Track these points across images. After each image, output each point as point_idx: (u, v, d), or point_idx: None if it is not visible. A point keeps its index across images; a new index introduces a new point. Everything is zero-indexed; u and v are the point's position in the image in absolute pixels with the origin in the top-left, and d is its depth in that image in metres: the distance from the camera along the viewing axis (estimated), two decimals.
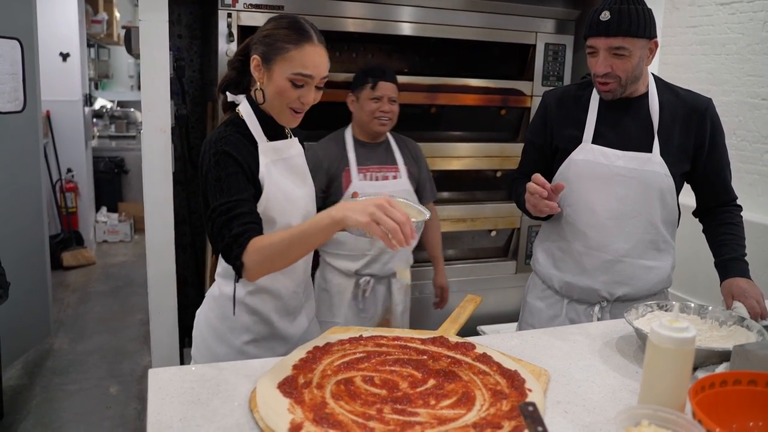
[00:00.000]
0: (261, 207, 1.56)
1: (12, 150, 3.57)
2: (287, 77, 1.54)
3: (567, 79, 3.34)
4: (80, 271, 5.46)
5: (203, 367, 1.40)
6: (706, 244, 2.00)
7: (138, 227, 6.68)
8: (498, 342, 1.56)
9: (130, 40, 3.28)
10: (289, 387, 1.24)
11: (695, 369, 1.38)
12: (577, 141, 1.91)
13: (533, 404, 1.04)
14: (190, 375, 1.35)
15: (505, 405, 1.20)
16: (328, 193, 2.52)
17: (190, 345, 3.42)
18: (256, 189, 1.56)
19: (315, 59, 1.55)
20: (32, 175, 3.79)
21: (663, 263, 1.93)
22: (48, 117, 5.41)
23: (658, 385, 1.12)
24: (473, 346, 1.46)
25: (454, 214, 3.21)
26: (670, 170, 1.85)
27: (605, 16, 1.74)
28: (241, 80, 1.66)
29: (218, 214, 1.47)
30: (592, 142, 1.89)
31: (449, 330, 1.58)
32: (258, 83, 1.59)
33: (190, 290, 3.59)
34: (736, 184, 1.99)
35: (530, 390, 1.27)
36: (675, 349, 1.10)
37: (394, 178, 2.58)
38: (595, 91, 1.91)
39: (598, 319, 1.91)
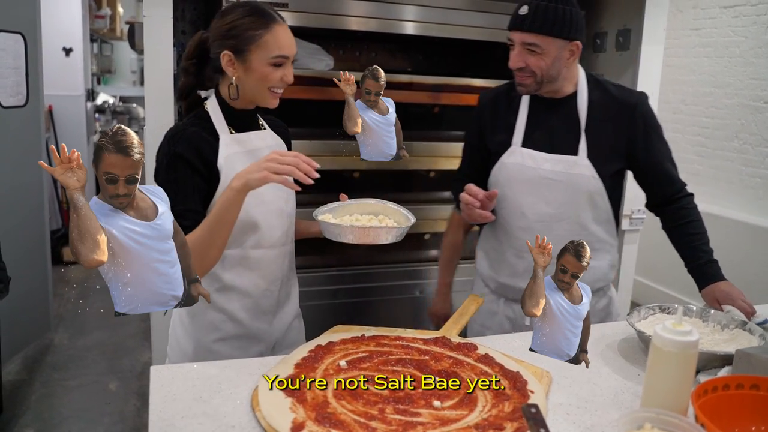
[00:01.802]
0: (217, 197, 1.55)
1: (14, 144, 3.57)
2: (267, 62, 1.56)
3: None
4: (80, 267, 5.35)
5: (205, 365, 1.40)
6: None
7: None
8: (500, 343, 1.56)
9: (134, 36, 3.28)
10: (291, 386, 1.24)
11: (697, 372, 1.38)
12: (508, 144, 1.90)
13: (536, 406, 1.04)
14: (192, 373, 1.35)
15: (507, 406, 1.20)
16: None
17: None
18: (212, 181, 1.56)
19: (286, 39, 1.58)
20: (34, 170, 3.79)
21: (598, 262, 1.92)
22: (50, 112, 5.41)
23: (661, 388, 1.12)
24: (475, 347, 1.46)
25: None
26: (599, 171, 1.84)
27: (523, 10, 1.73)
28: (198, 83, 1.66)
29: None
30: (522, 145, 1.88)
31: (451, 330, 1.58)
32: (232, 78, 1.57)
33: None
34: (737, 187, 1.99)
35: (532, 391, 1.27)
36: (678, 353, 1.10)
37: None
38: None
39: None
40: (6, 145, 3.50)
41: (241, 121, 1.65)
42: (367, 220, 1.60)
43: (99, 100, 7.92)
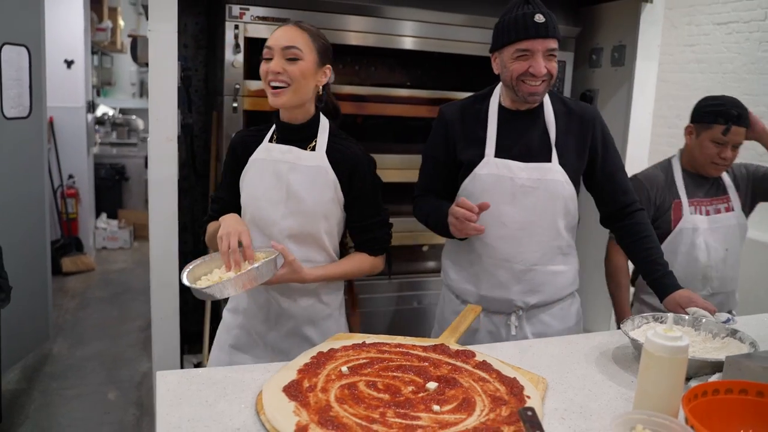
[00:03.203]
0: (241, 183, 1.83)
1: (17, 155, 3.61)
2: (263, 59, 1.72)
3: (567, 95, 3.39)
4: (79, 277, 5.48)
5: (210, 371, 1.43)
6: None
7: (137, 234, 6.71)
8: (497, 351, 1.60)
9: (136, 49, 3.33)
10: (294, 390, 1.27)
11: (689, 379, 1.41)
12: (480, 156, 1.92)
13: (532, 409, 1.08)
14: (197, 378, 1.38)
15: (504, 411, 1.24)
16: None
17: (189, 351, 3.46)
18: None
19: (277, 33, 1.72)
20: (36, 181, 3.83)
21: (569, 267, 1.99)
22: (51, 123, 5.45)
23: (653, 392, 1.16)
24: (473, 354, 1.50)
25: None
26: (570, 177, 1.90)
27: (540, 18, 1.77)
28: None
29: (211, 202, 1.95)
30: (495, 156, 1.91)
31: (450, 338, 1.61)
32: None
33: (190, 297, 3.61)
34: None
35: (528, 397, 1.30)
36: (669, 358, 1.14)
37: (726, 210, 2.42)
38: (492, 104, 1.93)
39: (516, 327, 1.96)
40: (8, 156, 3.53)
41: (289, 134, 1.80)
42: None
43: (99, 112, 7.98)
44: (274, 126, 1.82)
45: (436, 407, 1.23)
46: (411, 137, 3.54)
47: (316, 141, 1.78)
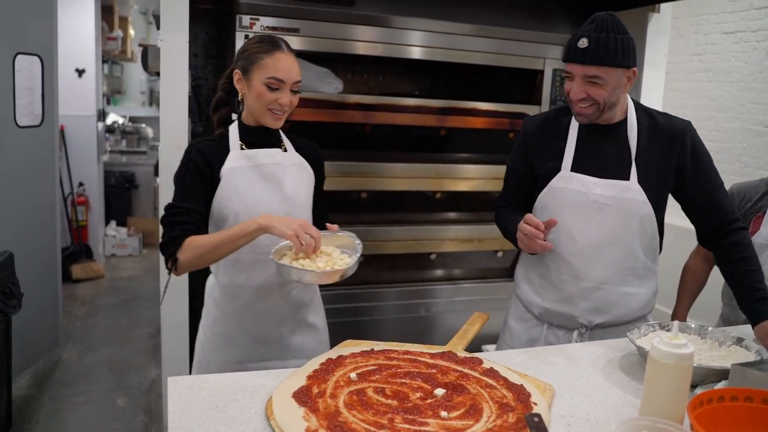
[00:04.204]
0: (215, 201, 1.79)
1: (29, 163, 3.65)
2: (263, 82, 1.74)
3: None
4: (89, 284, 5.52)
5: (220, 376, 1.45)
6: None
7: (146, 242, 6.76)
8: (504, 358, 1.61)
9: (147, 58, 3.37)
10: (303, 396, 1.29)
11: (695, 387, 1.42)
12: (557, 169, 1.91)
13: (539, 416, 1.10)
14: (208, 383, 1.40)
15: (511, 417, 1.25)
16: None
17: None
18: (215, 186, 1.79)
19: (285, 65, 1.76)
20: (47, 188, 3.86)
21: (643, 290, 1.93)
22: (62, 131, 5.50)
23: (658, 399, 1.17)
24: (480, 361, 1.51)
25: (461, 234, 3.26)
26: (649, 197, 1.84)
27: (583, 43, 1.74)
28: (229, 99, 1.89)
29: (169, 213, 1.76)
30: (572, 170, 1.89)
31: (457, 345, 1.63)
32: (240, 94, 1.81)
33: (199, 304, 3.63)
34: None
35: (535, 403, 1.31)
36: (674, 365, 1.15)
37: None
38: (574, 118, 1.91)
39: (577, 344, 1.90)
40: (21, 164, 3.57)
41: (255, 137, 1.84)
42: (322, 260, 1.64)
43: (109, 120, 8.05)
44: (232, 134, 1.83)
45: (443, 413, 1.25)
46: (418, 146, 3.56)
47: (282, 142, 1.88)
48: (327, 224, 1.71)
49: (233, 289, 1.86)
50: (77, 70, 5.61)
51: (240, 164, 1.80)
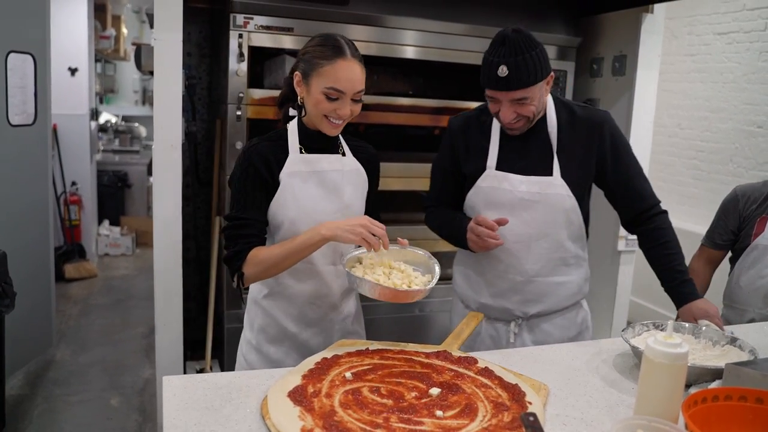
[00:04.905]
0: (272, 207, 1.71)
1: (21, 163, 3.63)
2: (321, 91, 1.64)
3: None
4: (82, 284, 5.50)
5: (215, 376, 1.45)
6: None
7: (140, 241, 6.74)
8: (499, 358, 1.61)
9: (140, 57, 3.36)
10: (299, 396, 1.29)
11: (689, 386, 1.43)
12: (482, 168, 1.94)
13: (534, 414, 1.10)
14: (202, 383, 1.40)
15: (506, 416, 1.25)
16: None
17: (192, 357, 3.47)
18: (274, 190, 1.71)
19: (347, 74, 1.63)
20: (40, 187, 3.85)
21: (573, 277, 1.99)
22: (55, 130, 5.48)
23: (653, 398, 1.18)
24: (475, 361, 1.52)
25: None
26: (572, 189, 1.89)
27: (503, 71, 1.73)
28: (293, 96, 1.76)
29: (231, 226, 1.69)
30: (497, 169, 1.93)
31: (452, 345, 1.63)
32: (299, 97, 1.71)
33: (192, 304, 3.63)
34: None
35: (530, 403, 1.32)
36: (669, 364, 1.16)
37: None
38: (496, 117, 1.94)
39: (515, 335, 1.99)
40: (13, 163, 3.55)
41: (315, 141, 1.75)
42: (397, 276, 1.60)
43: (101, 119, 8.01)
44: (291, 135, 1.74)
45: (439, 413, 1.25)
46: (413, 146, 3.57)
47: (340, 146, 1.80)
48: (398, 239, 1.66)
49: (283, 297, 1.80)
50: (70, 68, 5.58)
51: (299, 169, 1.71)
